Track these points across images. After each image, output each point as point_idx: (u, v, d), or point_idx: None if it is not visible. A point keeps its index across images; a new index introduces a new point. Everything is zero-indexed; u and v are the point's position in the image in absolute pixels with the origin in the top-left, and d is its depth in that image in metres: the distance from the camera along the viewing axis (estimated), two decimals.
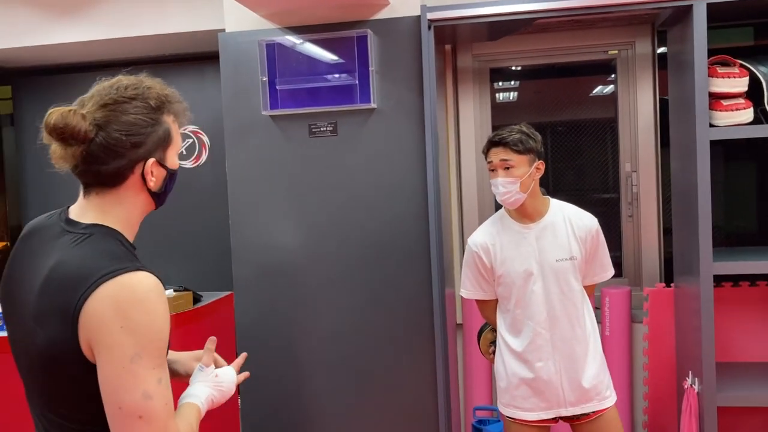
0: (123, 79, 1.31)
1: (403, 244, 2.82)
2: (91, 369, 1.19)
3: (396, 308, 2.84)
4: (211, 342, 1.49)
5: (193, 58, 3.57)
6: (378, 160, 2.82)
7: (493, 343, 2.51)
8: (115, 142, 1.25)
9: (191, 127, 3.58)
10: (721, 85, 2.60)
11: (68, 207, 1.35)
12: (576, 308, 2.31)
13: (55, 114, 1.23)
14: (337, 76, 2.78)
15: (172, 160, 1.37)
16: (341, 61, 2.77)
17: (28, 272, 1.28)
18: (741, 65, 2.62)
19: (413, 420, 2.85)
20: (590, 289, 2.43)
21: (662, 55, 3.17)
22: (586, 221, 2.35)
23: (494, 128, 3.38)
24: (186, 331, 2.08)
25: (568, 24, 3.11)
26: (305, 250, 2.89)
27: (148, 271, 1.23)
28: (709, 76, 2.56)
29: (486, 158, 2.34)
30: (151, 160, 1.30)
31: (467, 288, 2.47)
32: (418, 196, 2.79)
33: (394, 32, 2.76)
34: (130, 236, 1.34)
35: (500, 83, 3.56)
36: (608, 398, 2.36)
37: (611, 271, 2.43)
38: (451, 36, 3.12)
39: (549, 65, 3.47)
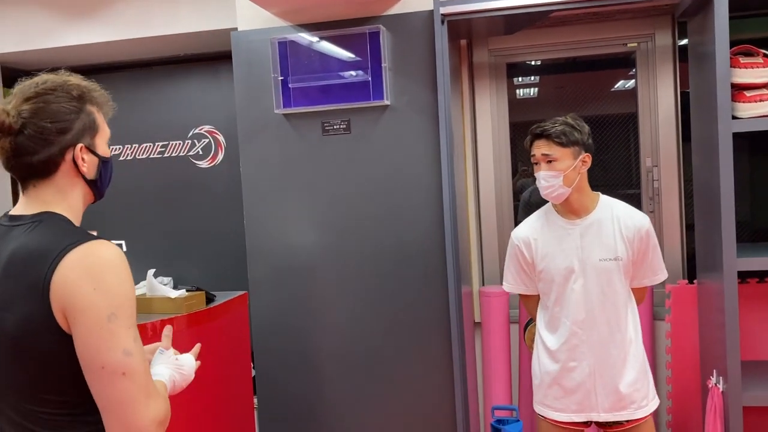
0: (44, 76, 1.38)
1: (418, 242, 2.79)
2: (68, 341, 1.21)
3: (412, 307, 2.81)
4: (168, 329, 1.57)
5: (208, 57, 3.56)
6: (392, 158, 2.79)
7: None
8: (41, 130, 1.30)
9: (207, 127, 3.58)
10: (743, 76, 2.53)
11: (6, 213, 1.38)
12: (617, 311, 2.23)
13: None
14: (349, 73, 2.76)
15: (103, 148, 1.41)
16: (354, 57, 2.74)
17: None
18: (765, 55, 2.55)
19: (431, 419, 2.82)
20: (639, 293, 2.34)
21: (683, 48, 3.10)
22: (636, 221, 2.25)
23: (512, 125, 3.34)
24: (199, 330, 2.08)
25: (586, 16, 3.05)
26: (320, 249, 2.87)
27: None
28: (731, 66, 2.49)
29: (529, 151, 2.27)
30: (80, 145, 1.34)
31: (509, 281, 2.42)
32: (434, 194, 2.76)
33: (407, 27, 2.73)
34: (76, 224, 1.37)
35: (520, 79, 3.51)
36: (644, 408, 2.28)
37: (663, 275, 2.32)
38: (466, 30, 3.07)
39: (568, 60, 3.41)
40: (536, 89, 3.60)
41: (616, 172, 3.37)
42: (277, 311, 2.90)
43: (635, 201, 3.26)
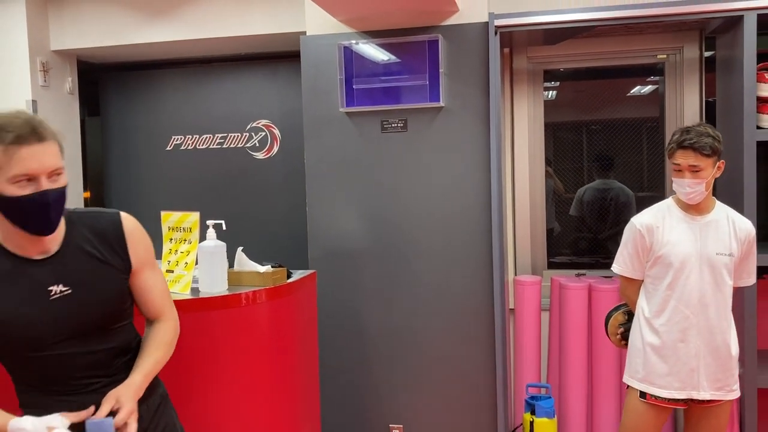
0: None
1: (465, 234, 3.07)
2: None
3: (457, 292, 3.09)
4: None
5: (268, 57, 3.82)
6: (444, 154, 3.06)
7: (623, 325, 2.63)
8: None
9: (264, 121, 3.84)
10: (767, 90, 2.80)
11: None
12: (726, 301, 2.42)
13: None
14: (409, 76, 3.02)
15: (2, 187, 1.40)
16: (413, 63, 3.01)
17: None
18: None
19: (472, 392, 3.10)
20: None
21: (708, 59, 3.35)
22: (747, 225, 2.46)
23: (546, 126, 3.59)
24: (280, 303, 2.36)
25: (621, 29, 3.29)
26: (374, 235, 3.14)
27: None
28: (756, 81, 2.75)
29: (671, 159, 2.43)
30: None
31: (620, 264, 2.57)
32: (482, 189, 3.03)
33: (462, 37, 3.00)
34: (18, 248, 1.50)
35: (557, 83, 3.76)
36: (734, 391, 2.46)
37: (753, 279, 2.53)
38: (509, 40, 3.33)
39: (593, 67, 3.66)
40: (569, 93, 3.85)
41: (643, 174, 3.62)
42: (333, 290, 3.17)
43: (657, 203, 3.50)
